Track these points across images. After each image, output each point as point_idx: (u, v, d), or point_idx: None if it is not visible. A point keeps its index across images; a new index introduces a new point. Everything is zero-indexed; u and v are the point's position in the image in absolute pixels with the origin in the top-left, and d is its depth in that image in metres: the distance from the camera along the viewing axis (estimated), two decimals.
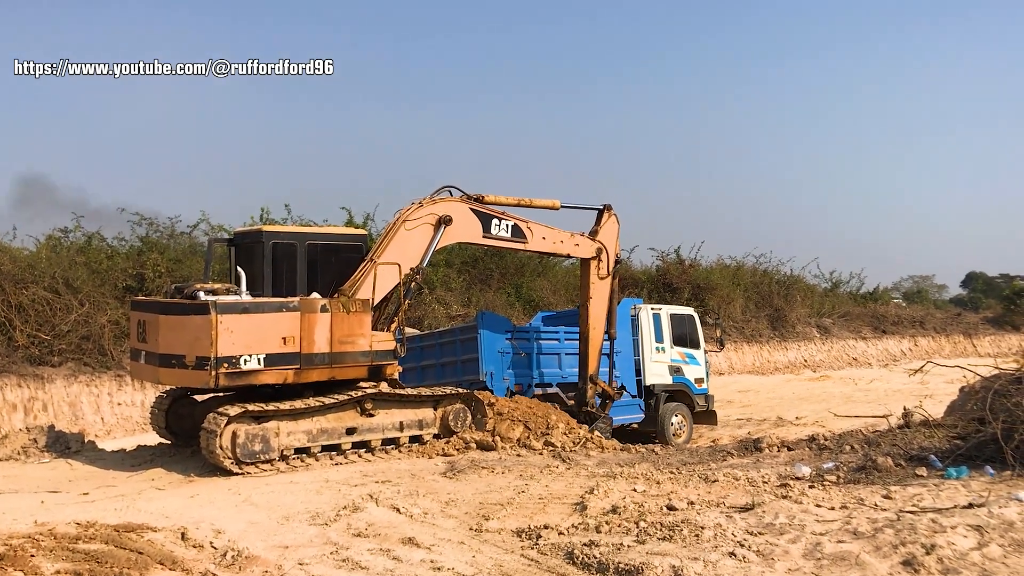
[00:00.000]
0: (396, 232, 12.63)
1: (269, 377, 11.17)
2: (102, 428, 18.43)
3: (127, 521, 8.27)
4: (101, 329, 19.60)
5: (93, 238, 23.03)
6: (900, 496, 8.23)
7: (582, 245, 15.00)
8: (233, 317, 10.81)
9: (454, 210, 13.18)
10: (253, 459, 10.87)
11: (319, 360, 11.50)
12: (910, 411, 11.84)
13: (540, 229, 14.31)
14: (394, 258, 12.46)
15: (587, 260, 15.17)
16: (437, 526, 8.34)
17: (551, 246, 14.62)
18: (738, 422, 20.45)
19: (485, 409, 13.24)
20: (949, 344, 45.16)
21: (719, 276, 36.07)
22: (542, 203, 14.46)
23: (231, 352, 10.75)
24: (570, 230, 14.90)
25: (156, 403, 13.03)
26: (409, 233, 12.73)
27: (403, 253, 12.61)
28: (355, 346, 11.84)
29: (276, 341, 11.13)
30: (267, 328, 11.08)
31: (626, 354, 16.79)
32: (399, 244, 12.61)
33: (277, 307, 11.29)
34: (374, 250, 12.53)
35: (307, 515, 8.66)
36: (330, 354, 11.57)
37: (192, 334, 10.79)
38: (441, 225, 12.94)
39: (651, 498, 8.92)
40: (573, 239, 14.88)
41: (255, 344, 10.95)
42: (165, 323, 11.15)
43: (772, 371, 34.33)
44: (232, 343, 10.75)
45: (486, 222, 13.63)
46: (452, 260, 29.27)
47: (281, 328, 11.19)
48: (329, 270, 12.27)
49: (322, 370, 11.60)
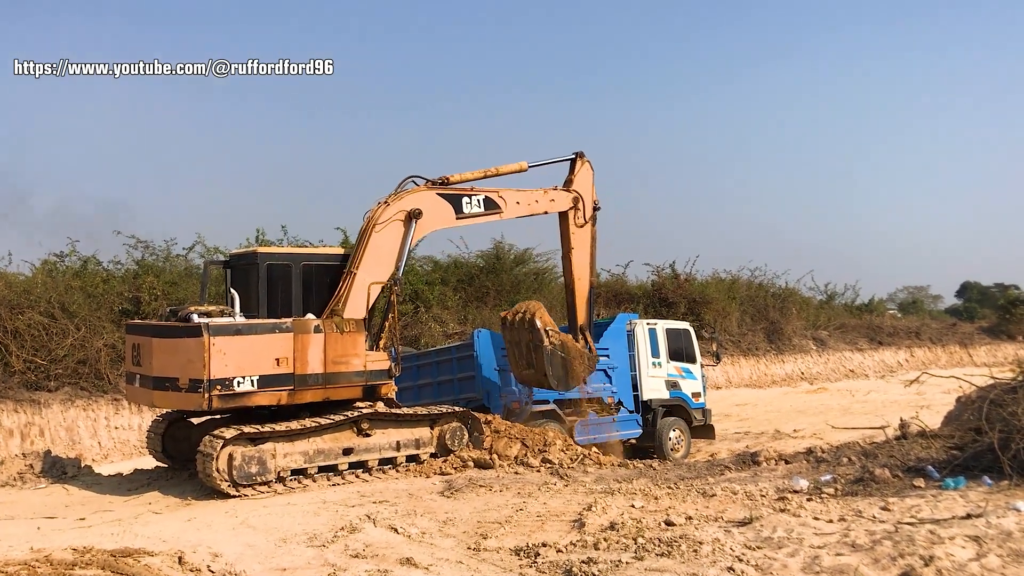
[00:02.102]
0: (369, 238, 12.43)
1: (263, 399, 11.15)
2: (99, 452, 18.35)
3: (124, 546, 8.23)
4: (97, 353, 19.54)
5: (89, 262, 23.00)
6: (898, 508, 8.21)
7: (558, 199, 14.77)
8: (225, 339, 10.80)
9: (422, 200, 12.98)
10: (250, 481, 10.82)
11: (313, 381, 11.48)
12: (907, 422, 11.82)
13: (512, 194, 14.08)
14: (372, 267, 12.32)
15: (564, 212, 14.94)
16: (435, 546, 8.30)
17: (527, 208, 14.35)
18: (736, 436, 20.41)
19: (482, 427, 13.20)
20: (945, 354, 45.21)
21: (714, 290, 36.09)
22: (509, 168, 14.23)
23: (224, 374, 10.74)
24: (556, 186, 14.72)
25: (152, 426, 12.98)
26: (381, 236, 12.51)
27: (379, 260, 12.44)
28: (349, 366, 11.83)
29: (269, 362, 11.11)
30: (260, 350, 11.07)
31: (623, 369, 16.78)
32: (374, 251, 12.42)
33: (270, 328, 11.27)
34: (351, 261, 12.39)
35: (305, 537, 8.63)
36: (324, 374, 11.56)
37: (184, 356, 10.78)
38: (412, 220, 12.74)
39: (649, 514, 8.90)
40: (547, 195, 14.67)
41: (248, 366, 10.94)
42: (158, 346, 11.16)
43: (769, 384, 34.31)
44: (225, 365, 10.74)
45: (456, 203, 13.42)
46: (448, 278, 29.28)
47: (274, 349, 11.18)
48: (324, 291, 12.26)
49: (316, 391, 11.58)
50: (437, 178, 13.37)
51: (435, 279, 28.32)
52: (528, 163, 14.51)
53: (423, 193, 13.13)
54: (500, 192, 13.95)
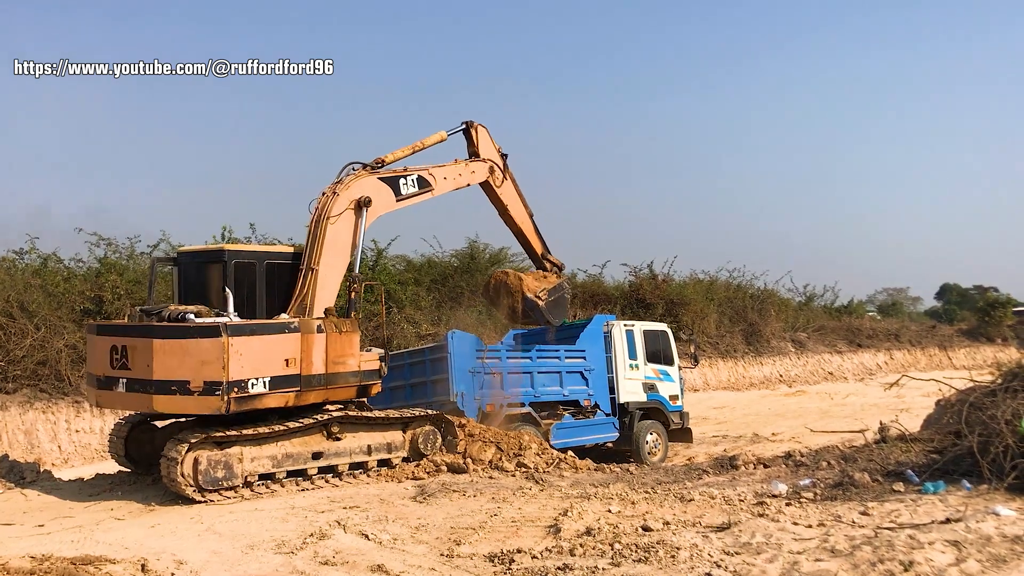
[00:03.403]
0: (324, 231, 12.31)
1: (273, 400, 11.16)
2: (59, 457, 18.10)
3: (85, 553, 8.13)
4: (58, 354, 19.27)
5: (49, 260, 22.69)
6: (878, 512, 8.29)
7: (477, 170, 15.02)
8: (243, 339, 10.81)
9: (368, 187, 12.95)
10: (216, 486, 10.73)
11: (316, 381, 11.54)
12: (886, 425, 11.93)
13: (439, 171, 14.24)
14: (332, 261, 12.29)
15: (486, 180, 15.22)
16: (407, 552, 8.27)
17: (454, 182, 14.56)
18: (714, 439, 20.51)
19: (456, 431, 13.18)
20: (925, 357, 45.72)
21: (692, 291, 36.28)
22: (432, 140, 14.44)
23: (240, 376, 10.73)
24: (457, 159, 14.93)
25: (115, 430, 12.81)
26: (336, 227, 12.44)
27: (337, 253, 12.39)
28: (347, 366, 11.93)
29: (279, 363, 11.16)
30: (272, 350, 11.10)
31: (599, 371, 16.82)
32: (331, 245, 12.34)
33: (280, 328, 11.31)
34: (307, 256, 12.24)
35: (272, 544, 8.56)
36: (325, 375, 11.61)
37: (198, 358, 10.64)
38: (362, 208, 12.69)
39: (626, 519, 8.92)
40: (468, 167, 14.90)
41: (262, 367, 10.96)
42: (162, 347, 10.75)
43: (747, 387, 34.53)
44: (241, 366, 10.74)
45: (395, 185, 13.41)
46: (421, 278, 29.19)
47: (284, 350, 11.21)
48: (282, 290, 12.08)
49: (319, 392, 11.64)
50: (373, 160, 13.32)
51: (408, 279, 28.23)
52: (447, 132, 14.77)
53: (366, 179, 13.05)
54: (430, 170, 14.11)
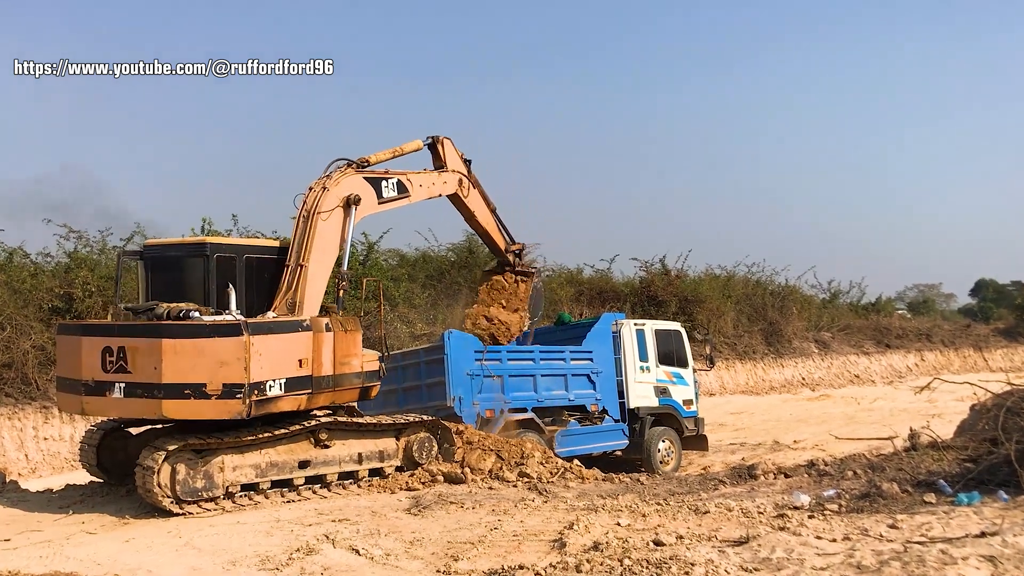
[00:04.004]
0: (315, 227, 12.43)
1: (287, 403, 11.26)
2: (26, 466, 18.14)
3: (54, 570, 8.17)
4: (24, 356, 19.28)
5: (15, 254, 22.69)
6: (907, 525, 8.28)
7: (448, 181, 15.26)
8: (262, 339, 10.90)
9: (356, 185, 13.16)
10: (195, 498, 10.75)
11: (326, 383, 11.65)
12: (917, 432, 11.94)
13: (416, 178, 14.48)
14: (322, 258, 12.38)
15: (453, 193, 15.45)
16: (401, 568, 8.29)
17: (428, 191, 14.84)
18: (731, 447, 20.52)
19: (453, 438, 13.21)
20: (958, 358, 45.63)
21: (708, 287, 36.22)
22: (411, 147, 14.76)
23: (260, 377, 10.81)
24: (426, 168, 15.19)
25: (86, 437, 12.83)
26: (327, 224, 12.58)
27: (326, 250, 12.52)
28: (351, 367, 12.03)
29: (293, 364, 11.26)
30: (288, 350, 11.21)
31: (607, 374, 16.82)
32: (321, 241, 12.46)
33: (295, 327, 11.39)
34: (295, 252, 12.29)
35: (256, 559, 8.58)
36: (333, 376, 11.72)
37: (215, 359, 10.67)
38: (351, 207, 12.86)
39: (636, 533, 8.92)
40: (441, 177, 15.13)
41: (279, 368, 11.06)
42: (172, 348, 10.69)
43: (767, 391, 34.53)
44: (261, 367, 10.83)
45: (377, 187, 13.61)
46: (415, 274, 29.17)
47: (298, 350, 11.31)
48: (264, 285, 12.13)
49: (327, 394, 11.76)
50: (358, 159, 13.50)
51: (401, 275, 28.21)
52: (422, 141, 15.03)
53: (353, 177, 13.22)
54: (408, 175, 14.32)
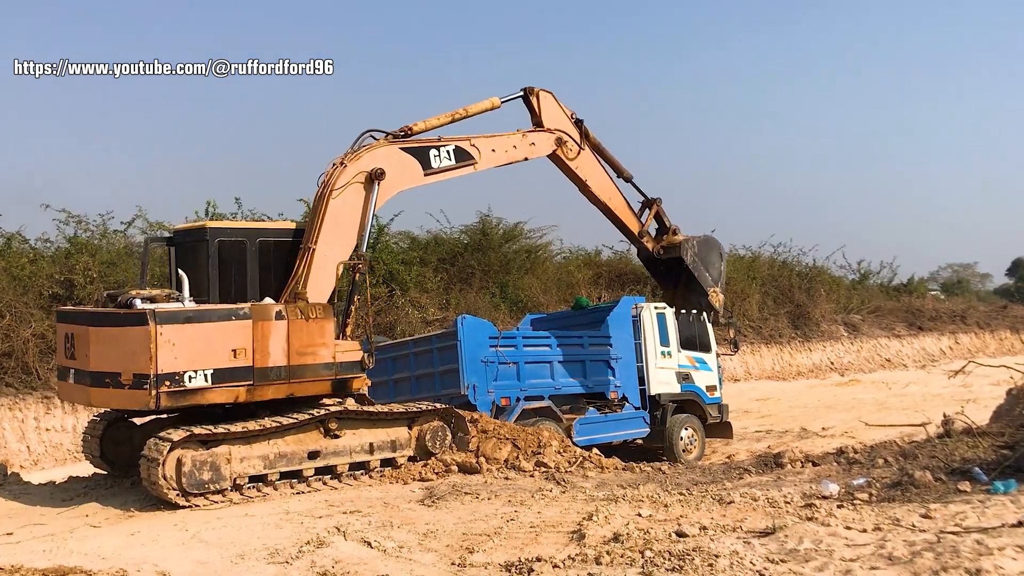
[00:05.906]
0: (326, 206, 12.29)
1: (218, 396, 11.11)
2: (28, 458, 18.31)
3: (58, 564, 8.22)
4: (25, 344, 19.45)
5: (13, 240, 22.84)
6: (941, 515, 8.26)
7: (539, 142, 14.76)
8: (175, 328, 10.74)
9: (383, 158, 12.82)
10: (201, 490, 10.80)
11: (275, 375, 11.45)
12: (951, 418, 11.89)
13: (486, 142, 14.01)
14: (332, 240, 12.24)
15: (553, 153, 14.92)
16: (414, 561, 8.31)
17: (505, 156, 14.34)
18: (756, 435, 20.51)
19: (467, 427, 13.21)
20: (994, 341, 45.45)
21: (732, 269, 36.02)
22: (479, 107, 14.21)
23: (173, 368, 10.69)
24: (519, 129, 14.68)
25: (89, 428, 12.94)
26: (339, 203, 12.38)
27: (340, 232, 12.33)
28: (316, 358, 11.81)
29: (225, 354, 11.08)
30: (214, 339, 11.03)
31: (628, 360, 16.82)
32: (333, 221, 12.30)
33: (226, 315, 11.23)
34: (307, 235, 12.27)
35: (265, 552, 8.62)
36: (288, 367, 11.53)
37: (127, 348, 10.72)
38: (373, 182, 12.61)
39: (658, 523, 8.92)
40: (526, 139, 14.63)
41: (200, 358, 10.90)
42: (96, 336, 11.05)
43: (794, 376, 34.48)
44: (175, 357, 10.69)
45: (423, 157, 13.32)
46: (427, 257, 29.18)
47: (231, 339, 11.14)
48: (280, 271, 12.17)
49: (279, 386, 11.55)
50: (398, 129, 13.20)
51: (413, 258, 28.23)
52: (500, 99, 14.52)
53: (383, 149, 12.95)
54: (472, 140, 13.88)
